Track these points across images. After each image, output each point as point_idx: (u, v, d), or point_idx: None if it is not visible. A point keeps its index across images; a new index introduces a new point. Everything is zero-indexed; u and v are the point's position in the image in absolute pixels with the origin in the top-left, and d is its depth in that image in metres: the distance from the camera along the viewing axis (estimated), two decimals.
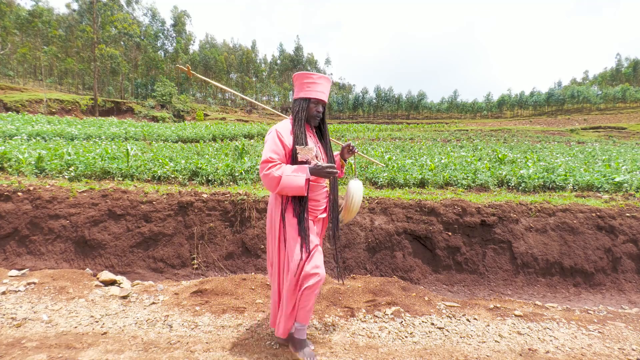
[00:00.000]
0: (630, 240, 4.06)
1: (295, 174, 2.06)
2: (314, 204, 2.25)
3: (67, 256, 4.06)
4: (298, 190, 2.07)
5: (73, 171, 6.30)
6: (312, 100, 2.21)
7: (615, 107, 63.90)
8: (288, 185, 2.04)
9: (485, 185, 6.70)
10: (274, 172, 2.05)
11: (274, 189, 2.08)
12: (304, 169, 2.09)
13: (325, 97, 2.24)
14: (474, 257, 4.03)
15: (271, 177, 2.05)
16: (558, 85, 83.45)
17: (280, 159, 2.11)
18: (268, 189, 2.13)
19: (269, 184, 2.08)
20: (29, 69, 56.88)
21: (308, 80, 2.20)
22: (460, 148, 17.19)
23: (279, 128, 2.17)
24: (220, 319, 2.83)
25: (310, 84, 2.19)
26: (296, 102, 2.23)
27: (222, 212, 4.31)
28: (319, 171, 2.08)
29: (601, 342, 2.64)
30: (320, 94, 2.21)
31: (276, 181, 2.05)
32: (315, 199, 2.25)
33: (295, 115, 2.21)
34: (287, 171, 2.06)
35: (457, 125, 43.39)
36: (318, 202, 2.27)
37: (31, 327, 2.64)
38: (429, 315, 2.97)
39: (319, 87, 2.21)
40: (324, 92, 2.23)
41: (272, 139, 2.14)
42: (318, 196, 2.27)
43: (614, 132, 35.59)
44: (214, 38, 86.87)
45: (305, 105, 2.20)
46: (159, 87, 44.55)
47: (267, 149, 2.12)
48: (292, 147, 2.14)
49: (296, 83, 2.25)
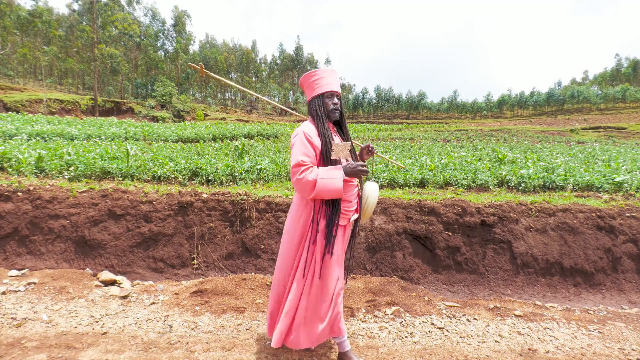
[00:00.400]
0: (630, 240, 4.06)
1: (331, 177, 1.94)
2: (347, 205, 2.13)
3: (67, 256, 4.06)
4: (336, 193, 1.94)
5: (73, 171, 6.30)
6: (325, 95, 2.14)
7: (615, 107, 63.90)
8: (325, 189, 1.92)
9: (485, 185, 6.70)
10: (307, 176, 1.93)
11: (309, 193, 1.95)
12: (338, 169, 1.98)
13: (336, 87, 2.17)
14: (474, 257, 4.03)
15: (305, 182, 1.92)
16: (558, 85, 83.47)
17: (312, 162, 1.99)
18: (301, 194, 2.03)
19: (303, 188, 1.95)
20: (29, 69, 56.89)
21: (314, 78, 2.15)
22: (460, 148, 17.19)
23: (306, 129, 2.06)
24: (220, 319, 2.83)
25: (317, 80, 2.15)
26: (311, 103, 2.17)
27: (222, 212, 4.31)
28: (353, 171, 1.98)
29: (601, 342, 2.64)
30: (329, 85, 2.14)
31: (311, 185, 1.93)
32: (347, 199, 2.14)
33: (314, 116, 2.12)
34: (321, 174, 1.95)
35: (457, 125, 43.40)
36: (350, 202, 2.15)
37: (31, 327, 2.64)
38: (429, 315, 2.97)
39: (327, 80, 2.15)
40: (332, 82, 2.16)
41: (300, 141, 2.02)
42: (351, 196, 2.15)
43: (614, 132, 35.59)
44: (214, 38, 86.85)
45: (320, 102, 2.13)
46: (159, 87, 44.56)
47: (296, 152, 1.99)
48: (321, 148, 2.04)
49: (305, 86, 2.21)
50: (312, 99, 2.16)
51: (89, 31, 44.99)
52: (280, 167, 7.25)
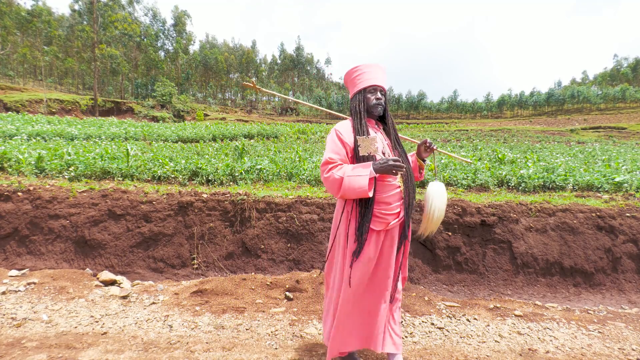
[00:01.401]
0: (630, 240, 4.06)
1: (356, 173, 1.80)
2: (384, 208, 1.90)
3: (67, 256, 4.06)
4: (360, 192, 1.79)
5: (73, 171, 6.29)
6: (368, 89, 2.00)
7: (615, 107, 63.88)
8: (350, 187, 1.79)
9: (485, 185, 6.69)
10: (335, 174, 1.83)
11: (337, 192, 1.84)
12: (367, 165, 1.82)
13: (380, 82, 2.02)
14: (474, 257, 4.03)
15: (332, 180, 1.83)
16: (558, 85, 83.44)
17: (342, 160, 1.89)
18: (331, 193, 1.92)
19: (331, 187, 1.86)
20: (29, 69, 56.90)
21: (356, 73, 2.04)
22: (460, 148, 17.19)
23: (338, 127, 1.98)
24: (220, 319, 2.83)
25: (359, 75, 2.03)
26: (352, 100, 2.04)
27: (222, 212, 4.31)
28: (382, 167, 1.79)
29: (601, 342, 2.64)
30: (373, 79, 2.00)
31: (338, 183, 1.81)
32: (385, 201, 1.91)
33: (353, 112, 2.00)
34: (348, 171, 1.82)
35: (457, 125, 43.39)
36: (389, 205, 1.92)
37: (31, 327, 2.64)
38: (429, 315, 2.97)
39: (370, 74, 2.02)
40: (376, 77, 2.01)
41: (331, 139, 1.95)
42: (389, 198, 1.92)
43: (614, 132, 35.58)
44: (214, 38, 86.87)
45: (361, 97, 2.00)
46: (159, 87, 44.57)
47: (326, 150, 1.92)
48: (354, 146, 1.91)
49: (348, 84, 2.11)
50: (354, 95, 2.03)
51: (88, 31, 44.98)
52: (280, 167, 7.24)
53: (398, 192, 1.96)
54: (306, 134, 23.55)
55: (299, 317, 2.88)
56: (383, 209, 1.90)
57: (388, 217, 1.91)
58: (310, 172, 6.80)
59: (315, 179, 6.53)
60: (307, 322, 2.80)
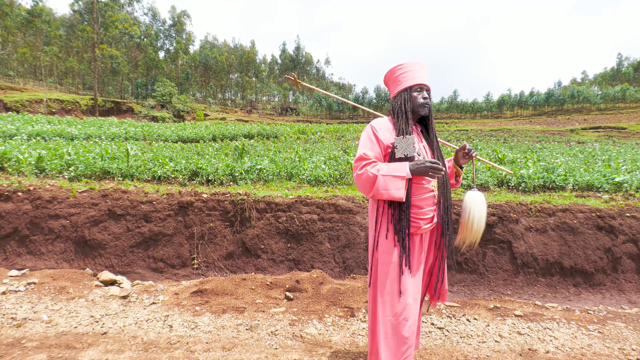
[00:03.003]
0: (630, 240, 4.06)
1: (392, 173, 1.72)
2: (416, 212, 1.82)
3: (67, 256, 4.06)
4: (395, 194, 1.71)
5: (73, 171, 6.30)
6: (414, 88, 1.89)
7: (615, 107, 63.88)
8: (383, 187, 1.71)
9: (485, 185, 6.70)
10: (369, 171, 1.73)
11: (369, 191, 1.75)
12: (403, 166, 1.73)
13: (426, 81, 1.91)
14: (474, 257, 4.03)
15: (366, 177, 1.74)
16: (558, 85, 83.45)
17: (377, 157, 1.80)
18: (362, 192, 1.81)
19: (363, 185, 1.76)
20: (29, 69, 56.90)
21: (401, 71, 1.92)
22: None
23: (374, 123, 1.89)
24: (220, 319, 2.83)
25: (404, 73, 1.91)
26: (396, 98, 1.92)
27: (222, 212, 4.31)
28: (419, 168, 1.71)
29: (601, 342, 2.64)
30: (419, 78, 1.89)
31: (371, 181, 1.73)
32: (418, 204, 1.82)
33: (397, 111, 1.88)
34: (383, 169, 1.73)
35: (457, 125, 43.38)
36: (421, 209, 1.83)
37: (31, 327, 2.64)
38: (429, 315, 2.97)
39: (416, 73, 1.91)
40: (422, 75, 1.91)
41: (366, 135, 1.85)
42: (421, 201, 1.83)
43: (614, 132, 35.58)
44: (215, 38, 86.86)
45: (407, 95, 1.88)
46: (159, 87, 44.58)
47: (360, 146, 1.83)
48: (389, 146, 1.82)
49: (390, 82, 2.00)
50: (398, 93, 1.91)
51: (89, 31, 45.00)
52: (280, 167, 7.24)
53: (431, 195, 1.86)
54: (306, 134, 23.56)
55: (299, 317, 2.88)
56: (414, 212, 1.82)
57: (420, 221, 1.82)
58: (311, 172, 6.80)
59: (315, 179, 6.53)
60: (307, 322, 2.80)
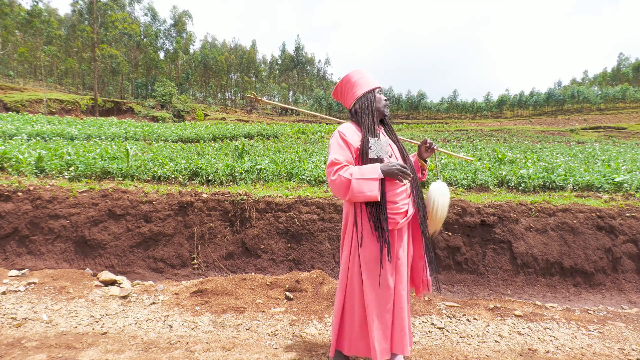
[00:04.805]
0: (630, 240, 4.06)
1: (365, 176, 1.80)
2: (391, 207, 1.89)
3: (67, 256, 4.06)
4: (370, 195, 1.78)
5: (73, 171, 6.30)
6: (376, 90, 2.03)
7: (615, 107, 63.87)
8: (358, 190, 1.78)
9: (485, 185, 6.70)
10: (342, 175, 1.80)
11: (345, 195, 1.82)
12: (375, 168, 1.81)
13: (379, 84, 2.08)
14: (474, 257, 4.03)
15: (339, 182, 1.80)
16: (558, 85, 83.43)
17: (348, 161, 1.86)
18: (338, 196, 1.89)
19: (338, 189, 1.82)
20: (29, 69, 56.89)
21: (359, 76, 2.06)
22: (461, 148, 17.19)
23: (341, 128, 1.96)
24: (220, 319, 2.83)
25: (362, 78, 2.05)
26: (361, 100, 2.01)
27: (222, 212, 4.31)
28: (390, 170, 1.80)
29: (601, 342, 2.64)
30: (376, 81, 2.06)
31: (345, 186, 1.80)
32: (392, 200, 1.89)
33: (363, 113, 1.98)
34: (355, 173, 1.81)
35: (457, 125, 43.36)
36: (396, 204, 1.90)
37: (31, 327, 2.64)
38: (429, 315, 2.97)
39: (372, 77, 2.06)
40: (375, 79, 2.08)
41: (335, 141, 1.93)
42: (395, 196, 1.90)
43: (614, 132, 35.57)
44: (215, 38, 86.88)
45: (372, 97, 2.00)
46: (159, 87, 44.56)
47: (331, 153, 1.90)
48: (359, 147, 1.90)
49: (346, 89, 2.09)
50: (363, 95, 2.02)
51: (88, 31, 44.99)
52: (280, 167, 7.24)
53: (404, 189, 1.95)
54: (306, 134, 23.55)
55: (299, 317, 2.88)
56: (390, 208, 1.89)
57: (396, 216, 1.90)
58: (311, 172, 6.80)
59: (315, 179, 6.53)
60: (307, 322, 2.80)
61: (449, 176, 7.01)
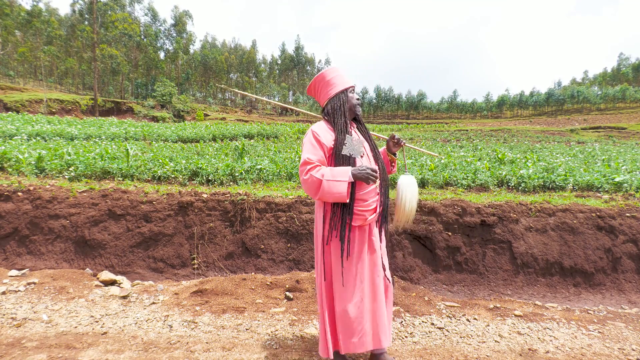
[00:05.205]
0: (630, 240, 4.06)
1: (335, 178, 1.86)
2: (361, 205, 1.97)
3: (67, 256, 4.06)
4: (339, 197, 1.86)
5: (73, 171, 6.30)
6: (349, 90, 2.09)
7: (615, 107, 63.86)
8: (328, 191, 1.85)
9: (485, 185, 6.70)
10: (313, 175, 1.86)
11: (315, 194, 1.89)
12: (346, 171, 1.88)
13: (353, 82, 2.13)
14: (474, 257, 4.03)
15: (311, 182, 1.87)
16: (558, 85, 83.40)
17: (320, 161, 1.93)
18: (309, 194, 1.97)
19: (310, 188, 1.90)
20: (29, 69, 56.89)
21: (334, 74, 2.10)
22: (460, 148, 17.20)
23: (315, 128, 2.01)
24: (220, 319, 2.83)
25: (337, 77, 2.09)
26: (333, 99, 2.07)
27: (222, 212, 4.31)
28: (360, 173, 1.87)
29: (601, 342, 2.64)
30: (350, 81, 2.11)
31: (316, 185, 1.87)
32: (362, 198, 1.97)
33: (336, 112, 2.03)
34: (327, 174, 1.87)
35: (457, 125, 43.37)
36: (366, 201, 1.98)
37: (31, 327, 2.64)
38: (429, 315, 2.97)
39: (346, 76, 2.11)
40: (350, 79, 2.12)
41: (308, 140, 1.99)
42: (366, 194, 1.99)
43: (614, 132, 35.57)
44: (215, 38, 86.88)
45: (344, 97, 2.07)
46: (159, 87, 44.53)
47: (304, 152, 1.96)
48: (332, 147, 1.96)
49: (321, 86, 2.12)
50: (336, 95, 2.07)
51: (88, 31, 44.98)
52: (280, 167, 7.24)
53: (374, 188, 2.03)
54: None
55: (299, 317, 2.88)
56: (360, 205, 1.96)
57: (365, 212, 1.97)
58: None
59: None
60: (307, 322, 2.80)
61: (449, 176, 7.01)
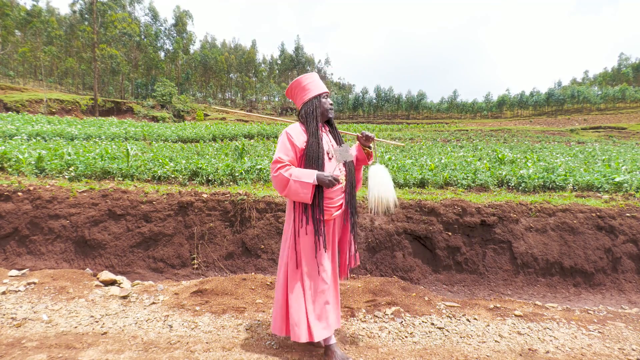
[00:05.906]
0: (630, 240, 4.06)
1: (301, 179, 2.04)
2: (328, 202, 2.17)
3: (67, 256, 4.06)
4: (303, 197, 2.04)
5: (73, 171, 6.29)
6: (322, 95, 2.25)
7: (615, 107, 63.84)
8: (294, 190, 2.04)
9: (485, 185, 6.69)
10: (283, 174, 2.05)
11: (282, 191, 2.09)
12: (312, 174, 2.06)
13: (326, 89, 2.30)
14: (474, 257, 4.03)
15: (280, 179, 2.05)
16: (558, 85, 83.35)
17: (291, 161, 2.11)
18: (278, 190, 2.13)
19: (278, 185, 2.08)
20: (29, 69, 56.86)
21: (308, 81, 2.25)
22: (460, 148, 17.21)
23: (289, 129, 2.19)
24: (220, 319, 2.83)
25: (311, 83, 2.25)
26: (307, 104, 2.23)
27: (222, 212, 4.31)
28: (323, 179, 2.06)
29: (601, 342, 2.64)
30: (323, 87, 2.27)
31: (284, 183, 2.05)
32: (329, 196, 2.18)
33: (308, 116, 2.20)
34: (295, 174, 2.05)
35: (457, 125, 43.37)
36: (332, 199, 2.19)
37: (31, 327, 2.64)
38: (429, 315, 2.97)
39: (320, 82, 2.27)
40: (323, 84, 2.30)
41: (281, 140, 2.16)
42: (333, 193, 2.19)
43: (614, 132, 35.57)
44: (215, 38, 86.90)
45: (317, 102, 2.23)
46: (159, 87, 44.53)
47: (277, 151, 2.14)
48: (303, 148, 2.14)
49: (297, 91, 2.28)
50: (309, 100, 2.23)
51: (89, 31, 44.98)
52: None
53: (340, 187, 2.23)
54: None
55: None
56: (327, 202, 2.16)
57: (331, 209, 2.19)
58: None
59: None
60: None
61: (449, 176, 7.01)
